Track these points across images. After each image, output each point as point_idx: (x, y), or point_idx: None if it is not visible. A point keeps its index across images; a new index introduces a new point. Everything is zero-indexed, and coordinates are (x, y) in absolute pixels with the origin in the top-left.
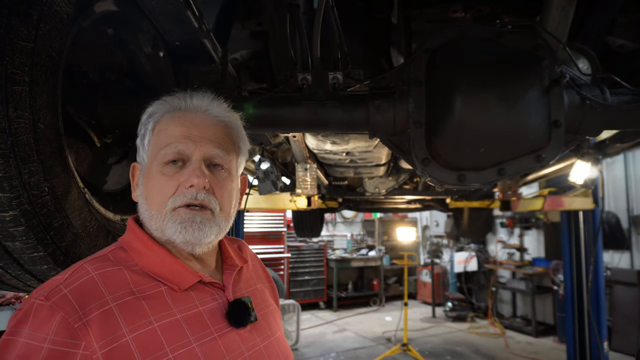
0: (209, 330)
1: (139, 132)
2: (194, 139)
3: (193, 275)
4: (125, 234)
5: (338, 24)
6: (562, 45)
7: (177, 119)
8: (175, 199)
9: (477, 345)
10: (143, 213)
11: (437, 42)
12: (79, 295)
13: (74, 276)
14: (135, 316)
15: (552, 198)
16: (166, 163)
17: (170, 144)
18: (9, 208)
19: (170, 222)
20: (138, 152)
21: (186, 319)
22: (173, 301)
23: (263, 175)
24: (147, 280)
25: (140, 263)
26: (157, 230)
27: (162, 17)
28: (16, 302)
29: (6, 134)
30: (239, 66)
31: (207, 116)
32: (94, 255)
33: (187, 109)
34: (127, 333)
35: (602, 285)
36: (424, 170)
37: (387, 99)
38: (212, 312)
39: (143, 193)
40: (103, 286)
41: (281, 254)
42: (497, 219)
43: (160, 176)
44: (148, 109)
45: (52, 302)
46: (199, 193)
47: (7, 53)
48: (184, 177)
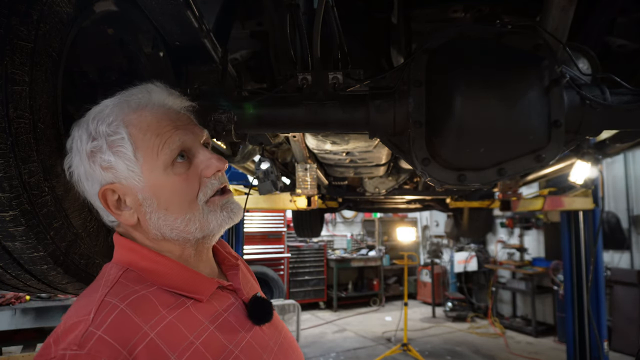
0: (242, 334)
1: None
2: (181, 127)
3: (212, 283)
4: (123, 254)
5: (338, 24)
6: (562, 45)
7: (151, 116)
8: (205, 191)
9: (477, 345)
10: (170, 224)
11: (437, 42)
12: (117, 334)
13: (101, 314)
14: (176, 340)
15: (552, 198)
16: (173, 163)
17: (167, 140)
18: (9, 208)
19: (212, 214)
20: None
21: (218, 327)
22: (201, 314)
23: (263, 175)
24: (171, 298)
25: (156, 281)
26: (197, 230)
27: (162, 17)
28: (16, 302)
29: (6, 134)
30: (239, 66)
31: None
32: (105, 285)
33: (152, 105)
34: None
35: (602, 285)
36: (424, 170)
37: (387, 99)
38: (235, 314)
39: (159, 206)
40: (136, 317)
41: (281, 254)
42: (497, 219)
43: (174, 178)
44: (99, 119)
45: (89, 349)
46: (221, 176)
47: (7, 53)
48: (203, 167)
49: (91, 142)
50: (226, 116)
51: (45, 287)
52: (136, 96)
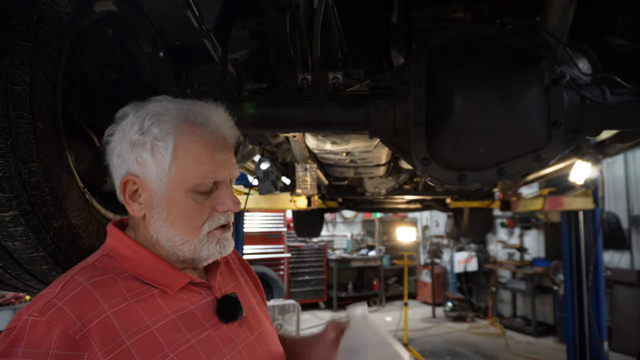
0: (204, 326)
1: (144, 143)
2: (221, 164)
3: (183, 277)
4: (109, 241)
5: (338, 24)
6: (562, 45)
7: (200, 139)
8: (210, 223)
9: (477, 345)
10: (169, 237)
11: (437, 42)
12: (75, 307)
13: (66, 288)
14: (132, 321)
15: (552, 198)
16: (196, 190)
17: (205, 173)
18: (9, 208)
19: (207, 244)
20: (143, 166)
21: (180, 318)
22: (165, 303)
23: (263, 175)
24: (138, 285)
25: (129, 269)
26: (189, 252)
27: (162, 17)
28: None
29: (6, 134)
30: (239, 66)
31: (221, 135)
32: (80, 265)
33: (207, 127)
34: (126, 339)
35: (602, 285)
36: (424, 170)
37: (387, 99)
38: (203, 309)
39: (167, 218)
40: (97, 295)
41: (281, 254)
42: (497, 219)
43: (191, 202)
44: (162, 123)
45: (47, 317)
46: (229, 215)
47: (7, 53)
48: (219, 202)
49: (139, 134)
50: None
51: (45, 287)
52: (197, 113)
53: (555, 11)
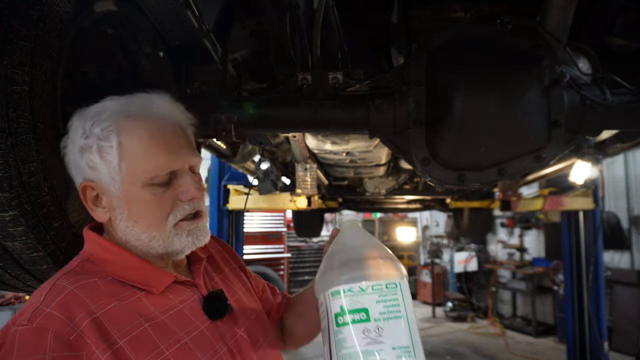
0: (195, 324)
1: (87, 145)
2: (175, 152)
3: (168, 276)
4: (87, 246)
5: (338, 24)
6: (562, 45)
7: (144, 131)
8: (175, 215)
9: (477, 345)
10: (135, 235)
11: (437, 42)
12: (64, 310)
13: (51, 294)
14: (122, 322)
15: (552, 198)
16: (152, 182)
17: (158, 165)
18: (9, 208)
19: (177, 237)
20: (93, 169)
21: (170, 317)
22: (152, 303)
23: (263, 175)
24: (124, 288)
25: (112, 272)
26: (160, 247)
27: (162, 17)
28: (16, 302)
29: (6, 134)
30: (239, 66)
31: (175, 124)
32: (61, 272)
33: (150, 116)
34: (119, 339)
35: (602, 285)
36: (424, 170)
37: (387, 99)
38: (192, 307)
39: (129, 217)
40: (84, 297)
41: (281, 254)
42: (497, 219)
43: (150, 196)
44: (96, 119)
45: (37, 324)
46: (195, 203)
47: (7, 53)
48: (180, 191)
49: (84, 139)
50: (226, 116)
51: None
52: (137, 104)
53: (555, 11)
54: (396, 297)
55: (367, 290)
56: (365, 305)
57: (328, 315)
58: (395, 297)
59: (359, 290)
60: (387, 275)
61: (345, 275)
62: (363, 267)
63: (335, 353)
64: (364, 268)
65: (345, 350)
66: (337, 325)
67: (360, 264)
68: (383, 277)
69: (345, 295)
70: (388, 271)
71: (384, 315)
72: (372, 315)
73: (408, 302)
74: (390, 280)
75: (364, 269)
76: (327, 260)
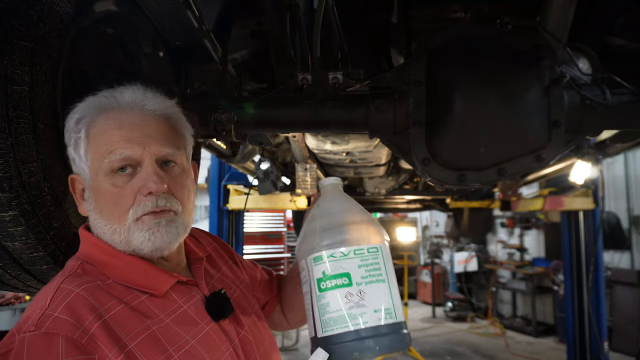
0: (200, 326)
1: (68, 141)
2: (138, 141)
3: (171, 277)
4: (84, 247)
5: (338, 24)
6: (562, 45)
7: (112, 120)
8: (136, 210)
9: (477, 345)
10: (100, 228)
11: (437, 42)
12: (73, 313)
13: (57, 298)
14: (131, 324)
15: (552, 198)
16: (113, 172)
17: (112, 150)
18: (9, 208)
19: (137, 232)
20: (73, 162)
21: (175, 320)
22: (157, 307)
23: (263, 175)
24: (127, 291)
25: (112, 275)
26: (122, 242)
27: (162, 17)
28: (16, 302)
29: (6, 134)
30: (239, 66)
31: (144, 112)
32: (63, 274)
33: (120, 107)
34: (128, 342)
35: (602, 285)
36: (424, 170)
37: (387, 99)
38: (196, 307)
39: (95, 207)
40: (91, 300)
41: (281, 254)
42: (497, 219)
43: (112, 188)
44: (73, 114)
45: (46, 328)
46: (159, 199)
47: (7, 53)
48: (139, 184)
49: (67, 134)
50: (226, 116)
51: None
52: (104, 97)
53: (555, 11)
54: (377, 261)
55: (349, 255)
56: (347, 269)
57: (310, 281)
58: (377, 261)
59: (340, 255)
60: (368, 239)
61: (326, 240)
62: (344, 231)
63: (318, 317)
64: (345, 233)
65: (329, 314)
66: (319, 290)
67: (341, 229)
68: (364, 242)
69: (327, 260)
70: (369, 235)
71: (365, 279)
72: (354, 279)
73: (389, 265)
74: (372, 244)
75: (345, 233)
76: (308, 225)
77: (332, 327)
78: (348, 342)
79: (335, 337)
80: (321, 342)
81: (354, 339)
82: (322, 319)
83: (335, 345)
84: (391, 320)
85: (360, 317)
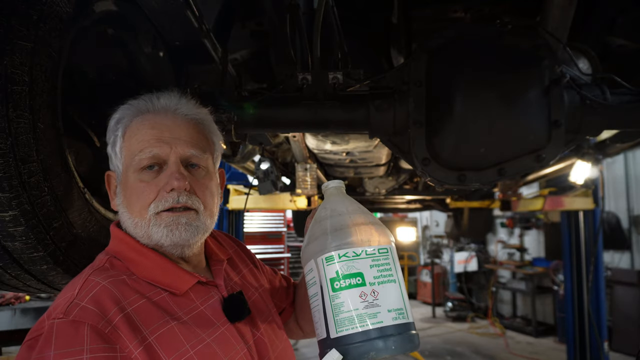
0: (216, 325)
1: (108, 139)
2: (167, 141)
3: (192, 277)
4: (113, 244)
5: (338, 24)
6: (562, 45)
7: (147, 122)
8: (157, 204)
9: (477, 345)
10: (126, 221)
11: (437, 42)
12: (98, 304)
13: (84, 289)
14: (151, 318)
15: (552, 198)
16: (142, 169)
17: (144, 149)
18: (9, 208)
19: (155, 227)
20: (110, 160)
21: (192, 319)
22: (176, 304)
23: (263, 175)
24: (149, 287)
25: (137, 272)
26: (144, 236)
27: (162, 17)
28: (16, 302)
29: (6, 134)
30: (239, 66)
31: (177, 116)
32: (92, 267)
33: (155, 110)
34: (148, 335)
35: (603, 285)
36: (424, 170)
37: (387, 99)
38: (213, 308)
39: (123, 202)
40: (116, 292)
41: (281, 254)
42: (497, 219)
43: (138, 183)
44: (115, 115)
45: (73, 317)
46: (181, 196)
47: (7, 53)
48: (164, 181)
49: (107, 133)
50: (226, 116)
51: (45, 287)
52: (143, 100)
53: (555, 11)
54: (388, 262)
55: (361, 255)
56: (360, 269)
57: (322, 281)
58: (387, 261)
59: (353, 255)
60: (378, 240)
61: (337, 240)
62: (354, 232)
63: (332, 318)
64: (356, 233)
65: (344, 314)
66: (333, 290)
67: (352, 229)
68: (375, 243)
69: (339, 260)
70: (379, 237)
71: (378, 279)
72: (367, 279)
73: (397, 265)
74: (382, 245)
75: (356, 234)
76: (316, 226)
77: (347, 327)
78: (363, 342)
79: (349, 337)
80: (335, 343)
81: (370, 339)
82: (336, 319)
83: (350, 346)
84: (404, 320)
85: (374, 317)
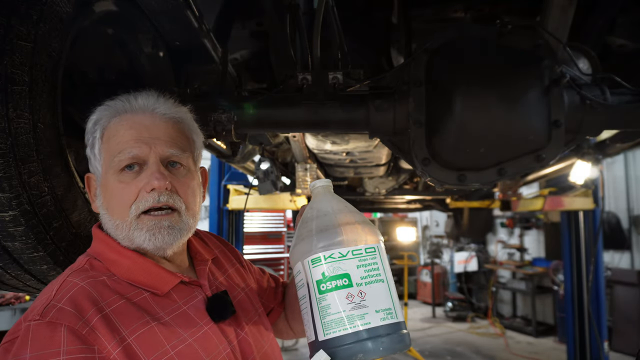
0: (199, 325)
1: (86, 141)
2: (146, 141)
3: (174, 277)
4: (95, 245)
5: (338, 24)
6: (562, 45)
7: (125, 122)
8: (137, 205)
9: (477, 345)
10: (107, 223)
11: (437, 42)
12: (76, 305)
13: (62, 290)
14: (131, 319)
15: (552, 198)
16: (122, 170)
17: (123, 150)
18: (9, 208)
19: (137, 231)
20: (90, 162)
21: (174, 319)
22: (158, 306)
23: (263, 175)
24: (129, 288)
25: (118, 272)
26: (125, 239)
27: (162, 17)
28: (16, 302)
29: (6, 134)
30: (239, 66)
31: (155, 115)
32: (71, 268)
33: (133, 110)
34: (127, 336)
35: (602, 285)
36: (424, 170)
37: (387, 99)
38: (196, 308)
39: (103, 203)
40: (94, 293)
41: (281, 254)
42: (497, 219)
43: (118, 184)
44: (92, 117)
45: (50, 318)
46: (162, 195)
47: (7, 53)
48: (144, 182)
49: (86, 135)
50: (226, 116)
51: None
52: (120, 100)
53: (555, 11)
54: (375, 261)
55: (347, 255)
56: (347, 270)
57: (309, 283)
58: (375, 260)
59: (339, 255)
60: (365, 239)
61: (323, 241)
62: (340, 232)
63: (319, 320)
64: (342, 234)
65: (330, 317)
66: (319, 292)
67: (337, 230)
68: (362, 242)
69: (325, 261)
70: (366, 236)
71: (365, 280)
72: (354, 280)
73: (386, 264)
74: (369, 244)
75: (342, 234)
76: (303, 227)
77: (334, 330)
78: (351, 344)
79: (337, 339)
80: (323, 345)
81: (357, 340)
82: (323, 322)
83: (338, 348)
84: (392, 320)
85: (362, 318)
